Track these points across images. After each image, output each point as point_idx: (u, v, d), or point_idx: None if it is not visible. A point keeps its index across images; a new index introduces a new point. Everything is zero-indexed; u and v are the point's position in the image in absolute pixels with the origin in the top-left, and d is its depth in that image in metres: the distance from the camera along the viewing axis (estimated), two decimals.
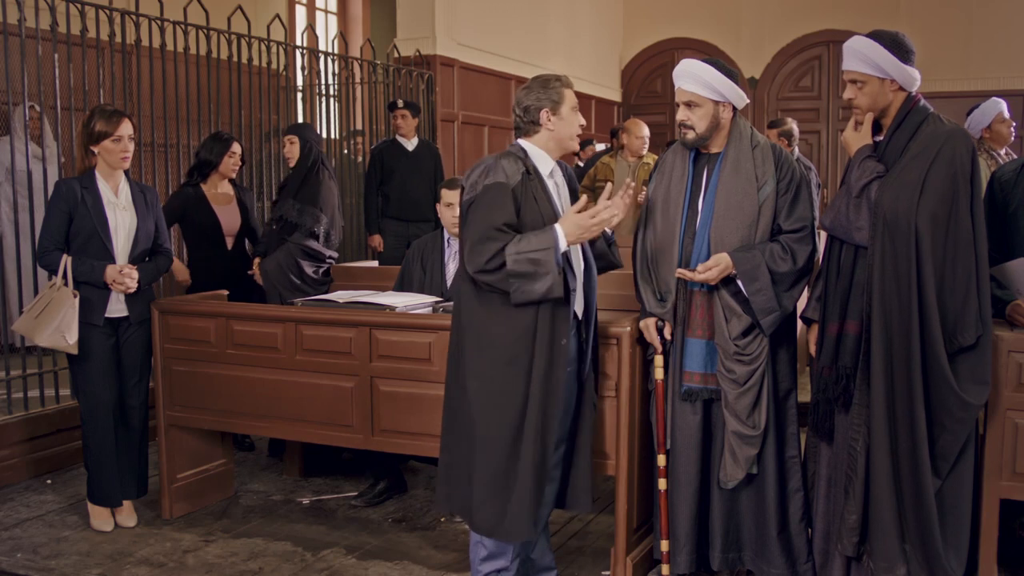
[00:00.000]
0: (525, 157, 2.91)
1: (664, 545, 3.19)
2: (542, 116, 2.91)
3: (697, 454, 3.13)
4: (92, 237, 3.72)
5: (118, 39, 5.13)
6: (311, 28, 8.13)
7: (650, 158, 6.59)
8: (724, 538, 3.17)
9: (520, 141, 2.97)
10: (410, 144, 6.53)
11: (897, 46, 2.84)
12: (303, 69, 6.87)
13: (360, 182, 7.03)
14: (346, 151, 7.40)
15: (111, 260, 3.74)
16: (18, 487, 4.41)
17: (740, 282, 3.01)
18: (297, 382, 3.69)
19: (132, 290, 3.77)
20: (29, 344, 4.30)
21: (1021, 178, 3.32)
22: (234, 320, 3.83)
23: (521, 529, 2.85)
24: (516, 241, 2.76)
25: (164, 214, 4.08)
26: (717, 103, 3.06)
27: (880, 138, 2.95)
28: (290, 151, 4.69)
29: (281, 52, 6.38)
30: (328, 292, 4.36)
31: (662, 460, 3.17)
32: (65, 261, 3.69)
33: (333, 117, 7.25)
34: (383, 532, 3.85)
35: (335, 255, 4.74)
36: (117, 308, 3.81)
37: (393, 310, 3.59)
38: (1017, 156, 5.26)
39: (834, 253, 2.99)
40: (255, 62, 6.09)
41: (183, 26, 5.43)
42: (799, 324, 3.32)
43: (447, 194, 4.07)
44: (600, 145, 9.90)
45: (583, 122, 2.99)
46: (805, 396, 3.14)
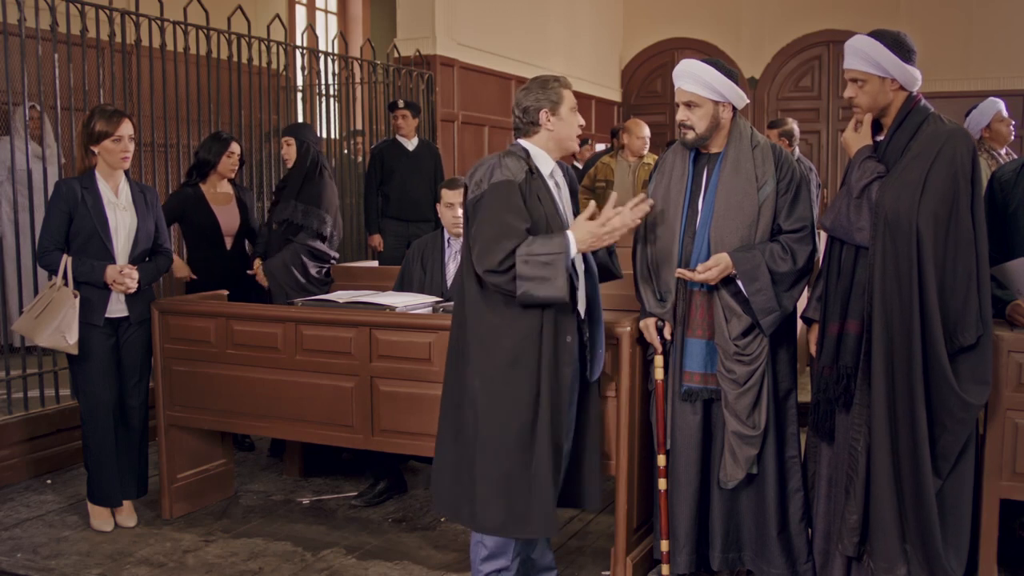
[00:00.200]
0: (527, 157, 2.92)
1: (664, 545, 3.19)
2: (541, 116, 2.91)
3: (697, 454, 3.13)
4: (92, 237, 3.72)
5: (118, 39, 5.13)
6: (311, 28, 8.13)
7: (650, 158, 6.60)
8: (724, 538, 3.17)
9: (520, 141, 2.97)
10: (410, 144, 6.54)
11: (898, 45, 2.84)
12: (303, 69, 6.87)
13: (360, 182, 7.03)
14: (346, 151, 7.40)
15: (111, 260, 3.74)
16: (18, 487, 4.41)
17: (740, 282, 3.01)
18: (297, 382, 3.69)
19: (132, 290, 3.77)
20: (29, 344, 4.30)
21: (1021, 178, 3.32)
22: (234, 320, 3.83)
23: (545, 525, 2.85)
24: (528, 243, 2.76)
25: (164, 213, 4.08)
26: (717, 103, 3.06)
27: (881, 138, 2.95)
28: (287, 152, 4.69)
29: (281, 52, 6.38)
30: (329, 292, 4.36)
31: (662, 460, 3.17)
32: (65, 261, 3.69)
33: (333, 117, 7.25)
34: (383, 532, 3.85)
35: (336, 255, 4.75)
36: (117, 308, 3.81)
37: (393, 310, 3.59)
38: (1017, 155, 5.28)
39: (835, 253, 2.99)
40: (255, 62, 6.09)
41: (183, 26, 5.43)
42: (799, 324, 3.32)
43: (447, 194, 4.07)
44: (600, 145, 9.91)
45: (582, 122, 2.99)
46: (805, 396, 3.14)
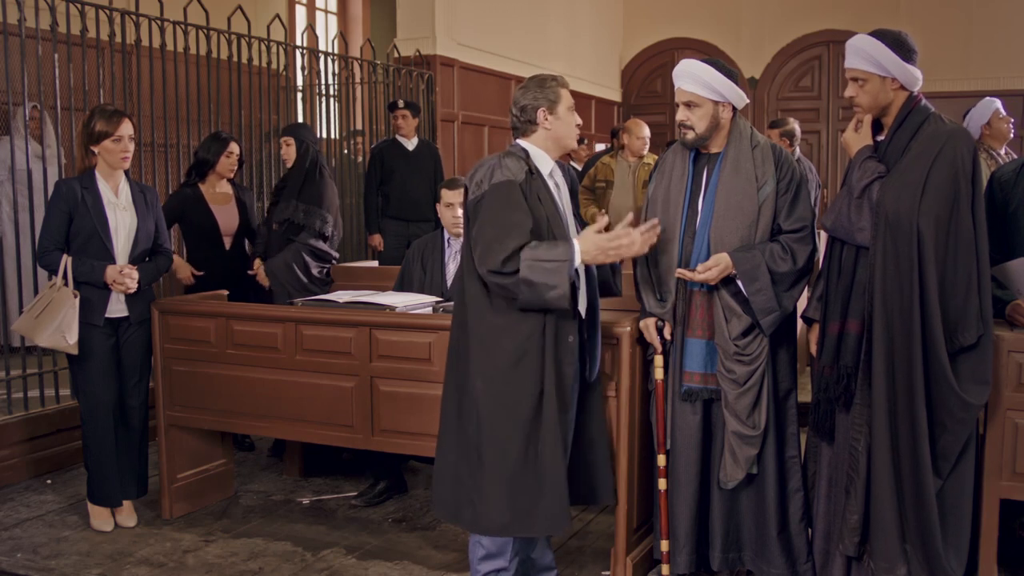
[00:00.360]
0: (527, 157, 2.92)
1: (664, 545, 3.19)
2: (539, 115, 2.91)
3: (697, 454, 3.13)
4: (92, 237, 3.72)
5: (118, 39, 5.13)
6: (311, 28, 8.14)
7: (650, 158, 6.60)
8: (724, 538, 3.17)
9: (519, 141, 2.97)
10: (410, 144, 6.54)
11: (899, 45, 2.84)
12: (303, 69, 6.88)
13: (360, 182, 7.03)
14: (346, 151, 7.40)
15: (111, 260, 3.74)
16: (18, 487, 4.41)
17: (740, 282, 3.01)
18: (297, 382, 3.69)
19: (132, 290, 3.77)
20: (29, 344, 4.30)
21: (1021, 178, 3.32)
22: (234, 320, 3.83)
23: (559, 522, 2.85)
24: (533, 247, 2.76)
25: (164, 214, 4.08)
26: (717, 103, 3.06)
27: (881, 138, 2.95)
28: (287, 152, 4.69)
29: (281, 52, 6.38)
30: (329, 292, 4.36)
31: (662, 460, 3.17)
32: (65, 261, 3.69)
33: (333, 117, 7.25)
34: (383, 532, 3.85)
35: (337, 255, 4.75)
36: (117, 308, 3.81)
37: (393, 310, 3.59)
38: (1016, 154, 5.29)
39: (835, 253, 2.99)
40: (255, 62, 6.09)
41: (183, 26, 5.43)
42: (799, 324, 3.32)
43: (447, 194, 4.07)
44: (600, 145, 9.91)
45: (579, 122, 2.99)
46: (805, 396, 3.14)
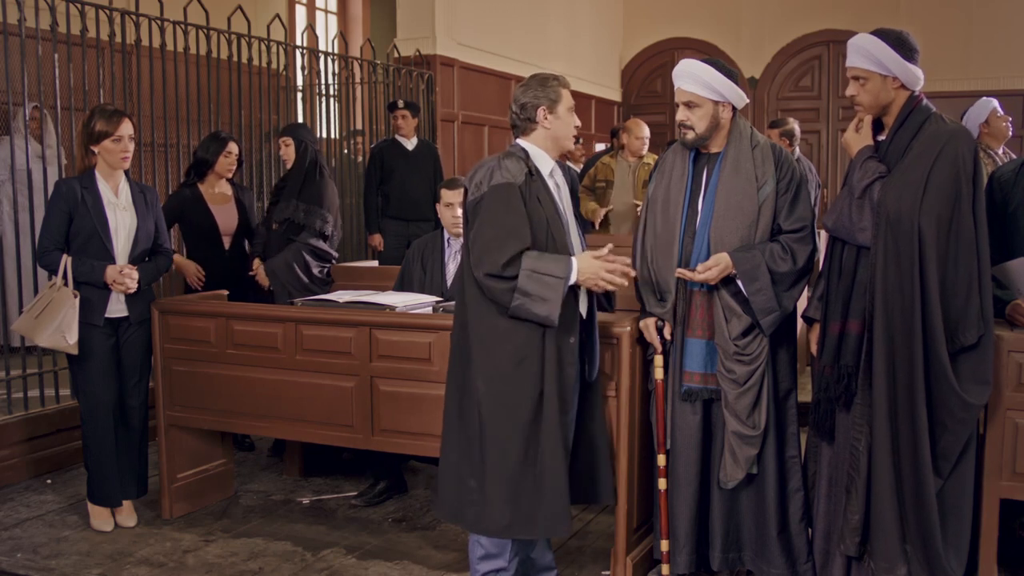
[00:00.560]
0: (527, 158, 2.92)
1: (664, 545, 3.19)
2: (539, 114, 2.91)
3: (697, 454, 3.13)
4: (92, 237, 3.72)
5: (118, 39, 5.13)
6: (311, 28, 8.14)
7: (650, 158, 6.60)
8: (724, 538, 3.17)
9: (519, 141, 2.97)
10: (409, 144, 6.54)
11: (901, 44, 2.84)
12: (303, 69, 6.88)
13: (360, 182, 7.03)
14: (346, 151, 7.40)
15: (111, 260, 3.74)
16: (18, 487, 4.41)
17: (740, 282, 3.01)
18: (297, 382, 3.69)
19: (132, 290, 3.76)
20: (29, 344, 4.30)
21: (1020, 177, 3.32)
22: (234, 320, 3.83)
23: (558, 525, 2.85)
24: (535, 258, 2.76)
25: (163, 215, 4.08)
26: (717, 103, 3.06)
27: (882, 138, 2.95)
28: (286, 153, 4.69)
29: (281, 52, 6.38)
30: (330, 292, 4.36)
31: (662, 460, 3.17)
32: (65, 261, 3.69)
33: (333, 117, 7.25)
34: (383, 532, 3.85)
35: (336, 255, 4.76)
36: (117, 308, 3.81)
37: (393, 310, 3.59)
38: (1014, 154, 5.29)
39: (836, 253, 2.99)
40: (255, 62, 6.09)
41: (183, 26, 5.43)
42: (799, 323, 3.32)
43: (447, 194, 4.07)
44: (600, 145, 9.91)
45: (579, 123, 2.99)
46: (805, 396, 3.14)
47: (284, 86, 6.77)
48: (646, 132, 6.62)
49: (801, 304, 3.24)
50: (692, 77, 3.05)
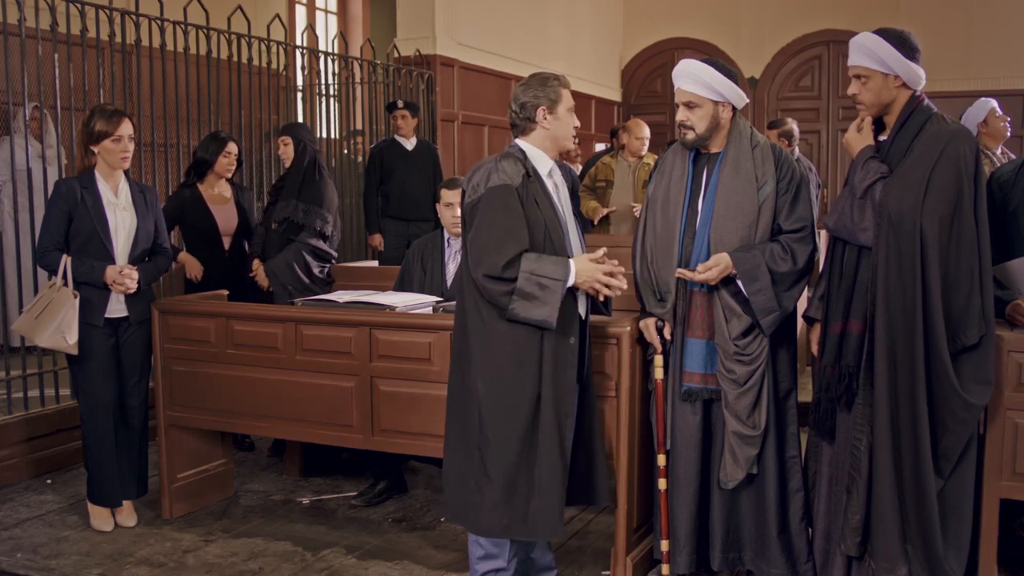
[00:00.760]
0: (524, 158, 2.91)
1: (664, 545, 3.19)
2: (538, 114, 2.91)
3: (697, 454, 3.13)
4: (92, 237, 3.72)
5: (118, 39, 5.13)
6: (311, 28, 8.14)
7: (650, 158, 6.60)
8: (724, 538, 3.17)
9: (518, 141, 2.96)
10: (409, 144, 6.54)
11: (902, 43, 2.84)
12: (303, 69, 6.87)
13: (360, 182, 7.03)
14: (346, 151, 7.40)
15: (111, 260, 3.74)
16: (18, 487, 4.41)
17: (740, 282, 3.00)
18: (297, 382, 3.69)
19: (132, 290, 3.76)
20: (29, 344, 4.30)
21: (1020, 177, 3.32)
22: (234, 320, 3.83)
23: (551, 527, 2.85)
24: (534, 260, 2.76)
25: (164, 217, 4.08)
26: (717, 103, 3.06)
27: (883, 137, 2.95)
28: (284, 152, 4.69)
29: (281, 52, 6.38)
30: (330, 292, 4.36)
31: (662, 460, 3.17)
32: (65, 261, 3.69)
33: (333, 117, 7.25)
34: (383, 532, 3.85)
35: (336, 255, 4.75)
36: (117, 308, 3.81)
37: (393, 310, 3.59)
38: (1013, 154, 5.30)
39: (837, 253, 2.99)
40: (255, 62, 6.09)
41: (183, 26, 5.43)
42: (799, 324, 3.31)
43: (447, 194, 4.07)
44: (600, 145, 9.91)
45: (578, 124, 2.99)
46: (805, 396, 3.14)
47: (284, 86, 6.78)
48: (646, 132, 6.62)
49: (801, 304, 3.23)
50: (692, 77, 3.05)
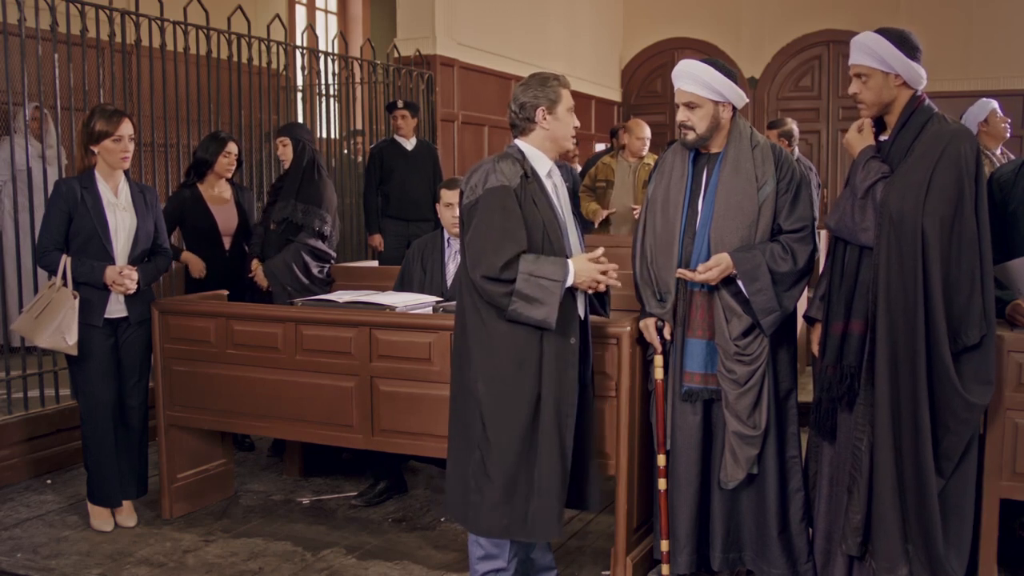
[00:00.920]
0: (523, 159, 2.91)
1: (664, 545, 3.19)
2: (538, 114, 2.90)
3: (697, 454, 3.13)
4: (92, 238, 3.72)
5: (118, 39, 5.13)
6: (311, 28, 8.13)
7: (650, 158, 6.59)
8: (725, 538, 3.17)
9: (517, 142, 2.96)
10: (409, 144, 6.54)
11: (903, 42, 2.85)
12: (303, 69, 6.87)
13: (360, 182, 7.03)
14: (346, 151, 7.40)
15: (111, 261, 3.74)
16: (18, 487, 4.41)
17: (741, 282, 3.00)
18: (297, 382, 3.69)
19: (132, 291, 3.76)
20: (29, 344, 4.30)
21: (1020, 177, 3.32)
22: (234, 320, 3.83)
23: (550, 528, 2.85)
24: (532, 261, 2.76)
25: (164, 218, 4.08)
26: (717, 103, 3.06)
27: (884, 137, 2.95)
28: (283, 152, 4.69)
29: (281, 52, 6.38)
30: (329, 292, 4.36)
31: (662, 460, 3.17)
32: (64, 261, 3.69)
33: (333, 117, 7.25)
34: (383, 532, 3.85)
35: (335, 255, 4.75)
36: (116, 309, 3.80)
37: (393, 310, 3.59)
38: (1012, 154, 5.30)
39: (838, 253, 2.98)
40: (255, 62, 6.09)
41: (183, 26, 5.43)
42: (799, 324, 3.31)
43: (447, 194, 4.07)
44: (600, 145, 9.91)
45: (578, 124, 2.99)
46: (805, 396, 3.14)
47: (284, 86, 6.77)
48: (647, 132, 6.62)
49: (801, 305, 3.23)
50: (692, 77, 3.05)
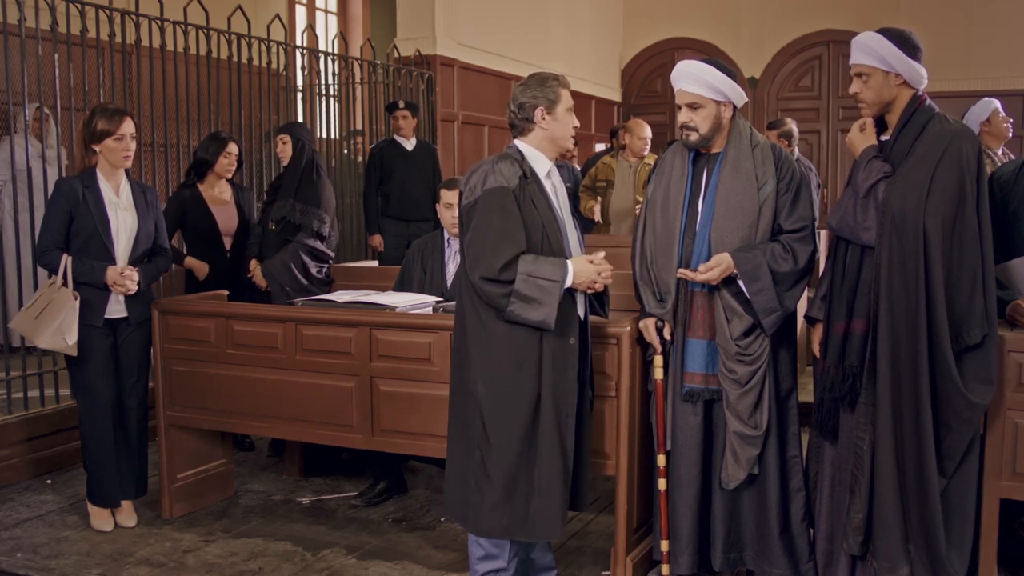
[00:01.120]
0: (522, 160, 2.91)
1: (664, 545, 3.19)
2: (537, 115, 2.90)
3: (699, 455, 3.13)
4: (93, 237, 3.71)
5: (118, 39, 5.13)
6: (311, 28, 8.13)
7: (651, 158, 6.59)
8: (726, 538, 3.17)
9: (516, 142, 2.96)
10: (408, 144, 6.54)
11: (904, 41, 2.85)
12: (303, 69, 6.87)
13: (360, 182, 7.03)
14: (346, 151, 7.40)
15: (112, 261, 3.73)
16: (18, 487, 4.41)
17: (742, 282, 3.00)
18: (297, 382, 3.69)
19: (132, 292, 3.76)
20: (29, 344, 4.30)
21: (1021, 177, 3.32)
22: (234, 320, 3.83)
23: (551, 528, 2.85)
24: (531, 262, 2.76)
25: (165, 219, 4.08)
26: (719, 103, 3.05)
27: (886, 137, 2.95)
28: (283, 151, 4.69)
29: (281, 52, 6.38)
30: (329, 292, 4.36)
31: (662, 460, 3.17)
32: (65, 261, 3.69)
33: (333, 117, 7.25)
34: (383, 532, 3.85)
35: (333, 255, 4.75)
36: (116, 309, 3.80)
37: (393, 310, 3.59)
38: (1013, 154, 5.30)
39: (840, 253, 2.98)
40: (255, 62, 6.09)
41: (183, 26, 5.43)
42: (799, 324, 3.31)
43: (446, 194, 4.07)
44: (600, 145, 9.91)
45: (577, 124, 2.98)
46: (805, 396, 3.14)
47: (284, 86, 6.77)
48: (648, 132, 6.61)
49: (801, 305, 3.23)
50: (694, 78, 3.04)
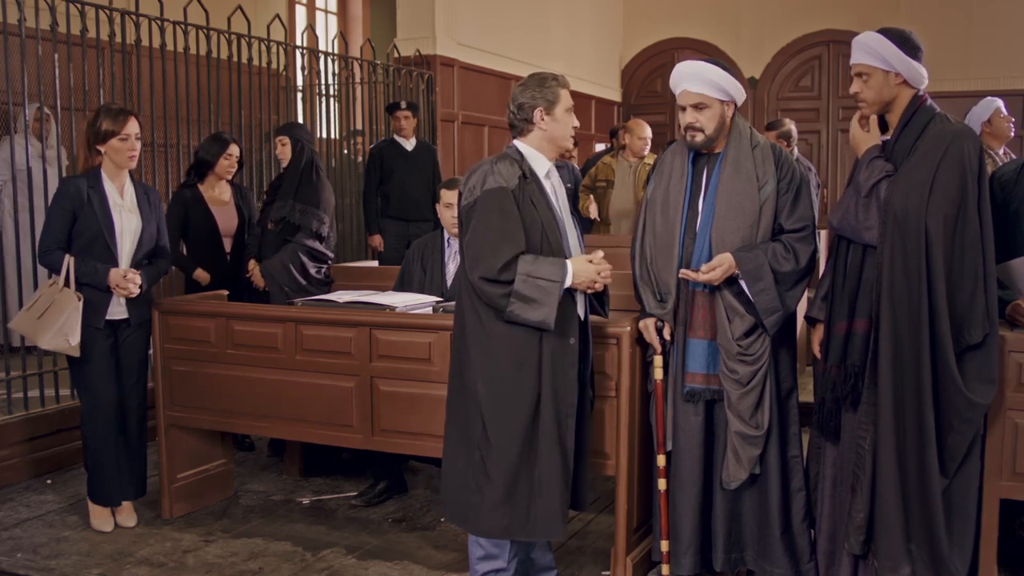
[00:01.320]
0: (521, 160, 2.90)
1: (664, 545, 3.19)
2: (536, 115, 2.90)
3: (700, 455, 3.13)
4: (97, 238, 3.70)
5: (118, 39, 5.13)
6: (311, 28, 8.13)
7: (651, 158, 6.59)
8: (727, 539, 3.17)
9: (516, 143, 2.96)
10: (408, 144, 6.54)
11: (904, 41, 2.85)
12: (303, 69, 6.88)
13: (360, 182, 7.03)
14: (346, 151, 7.40)
15: (115, 263, 3.73)
16: (18, 487, 4.41)
17: (743, 282, 3.00)
18: (297, 382, 3.69)
19: (135, 295, 3.75)
20: (29, 344, 4.30)
21: (1022, 177, 3.32)
22: (234, 320, 3.83)
23: (552, 528, 2.85)
24: (531, 262, 2.76)
25: (168, 221, 4.07)
26: (723, 102, 3.05)
27: (887, 137, 2.95)
28: (282, 152, 4.69)
29: (281, 52, 6.38)
30: (329, 292, 4.36)
31: (662, 460, 3.17)
32: (68, 261, 3.68)
33: (333, 117, 7.25)
34: (383, 532, 3.85)
35: (332, 255, 4.75)
36: (117, 311, 3.80)
37: (393, 310, 3.59)
38: (1015, 154, 5.30)
39: (841, 252, 2.98)
40: (255, 62, 6.09)
41: (183, 26, 5.43)
42: (799, 324, 3.31)
43: (446, 194, 4.07)
44: (600, 145, 9.91)
45: (576, 124, 2.98)
46: (805, 396, 3.14)
47: (284, 86, 6.78)
48: (648, 132, 6.61)
49: (801, 305, 3.23)
50: (698, 78, 3.03)
